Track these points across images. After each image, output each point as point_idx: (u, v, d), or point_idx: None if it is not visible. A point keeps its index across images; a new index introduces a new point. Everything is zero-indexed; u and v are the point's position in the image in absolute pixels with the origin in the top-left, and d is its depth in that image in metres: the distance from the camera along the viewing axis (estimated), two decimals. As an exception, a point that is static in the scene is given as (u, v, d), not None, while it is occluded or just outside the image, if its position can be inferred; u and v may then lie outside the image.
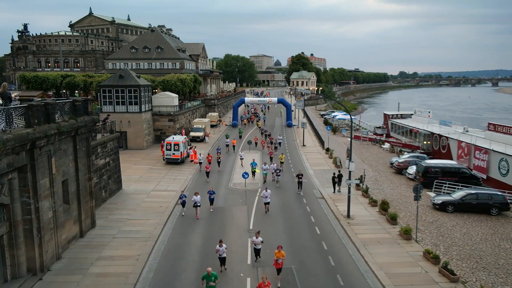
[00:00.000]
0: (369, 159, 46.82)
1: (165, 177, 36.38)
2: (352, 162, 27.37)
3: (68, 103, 21.61)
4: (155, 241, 22.40)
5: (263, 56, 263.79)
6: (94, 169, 26.58)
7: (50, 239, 19.06)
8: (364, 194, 31.35)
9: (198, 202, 26.22)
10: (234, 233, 24.01)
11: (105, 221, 25.39)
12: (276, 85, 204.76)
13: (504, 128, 44.63)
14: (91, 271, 18.82)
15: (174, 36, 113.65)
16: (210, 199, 27.69)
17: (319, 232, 24.35)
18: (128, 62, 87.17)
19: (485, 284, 18.14)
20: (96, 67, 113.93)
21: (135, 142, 48.24)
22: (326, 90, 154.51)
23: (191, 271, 19.23)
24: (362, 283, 18.39)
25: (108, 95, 47.84)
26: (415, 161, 40.27)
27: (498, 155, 37.66)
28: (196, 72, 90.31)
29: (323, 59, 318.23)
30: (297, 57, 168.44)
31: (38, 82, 65.07)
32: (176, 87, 62.61)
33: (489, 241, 23.45)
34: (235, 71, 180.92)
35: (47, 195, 18.68)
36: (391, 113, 72.48)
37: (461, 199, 28.68)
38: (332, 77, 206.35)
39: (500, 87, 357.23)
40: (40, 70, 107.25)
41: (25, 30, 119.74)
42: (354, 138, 45.97)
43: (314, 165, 42.57)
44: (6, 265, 16.85)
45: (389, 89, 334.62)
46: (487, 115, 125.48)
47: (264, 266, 19.61)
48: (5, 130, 15.73)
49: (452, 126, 54.79)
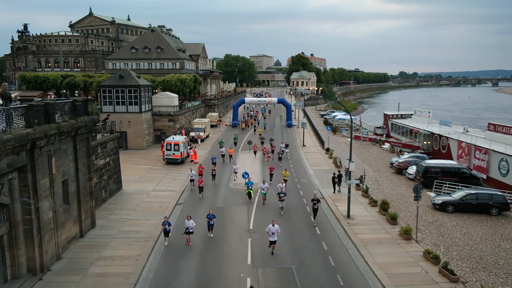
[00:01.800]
0: (369, 159, 46.81)
1: (165, 177, 36.38)
2: (352, 162, 27.37)
3: (68, 103, 21.61)
4: (155, 241, 22.39)
5: (263, 56, 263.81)
6: (94, 169, 26.58)
7: (50, 239, 19.05)
8: (364, 194, 31.35)
9: (191, 228, 21.69)
10: (234, 233, 24.01)
11: (105, 221, 25.38)
12: (276, 85, 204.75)
13: (504, 128, 44.63)
14: (91, 271, 18.82)
15: (174, 36, 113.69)
16: (210, 225, 23.04)
17: (319, 232, 24.35)
18: (128, 62, 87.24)
19: (485, 284, 18.14)
20: (96, 67, 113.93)
21: (135, 142, 48.24)
22: (326, 90, 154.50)
23: (191, 271, 19.23)
24: (362, 283, 18.39)
25: (108, 95, 47.83)
26: (415, 161, 40.26)
27: (498, 155, 37.65)
28: (196, 72, 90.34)
29: (323, 59, 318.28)
30: (297, 57, 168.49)
31: (38, 82, 65.11)
32: (176, 87, 62.65)
33: (489, 241, 23.45)
34: (235, 71, 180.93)
35: (47, 195, 18.67)
36: (391, 113, 72.43)
37: (461, 199, 28.68)
38: (332, 77, 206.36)
39: (500, 87, 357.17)
40: (40, 70, 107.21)
41: (25, 30, 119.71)
42: (354, 138, 46.01)
43: (314, 165, 42.56)
44: (6, 265, 16.85)
45: (389, 89, 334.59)
46: (487, 115, 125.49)
47: (264, 266, 19.62)
48: (5, 130, 15.72)
49: (452, 126, 54.76)
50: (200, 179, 31.08)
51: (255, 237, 23.16)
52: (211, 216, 22.98)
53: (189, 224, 21.69)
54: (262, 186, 29.00)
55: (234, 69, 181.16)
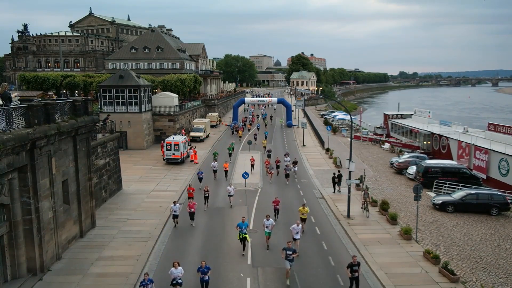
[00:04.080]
0: (369, 159, 46.82)
1: (165, 177, 36.38)
2: (352, 162, 27.37)
3: (68, 103, 21.62)
4: (155, 241, 22.39)
5: (263, 56, 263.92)
6: (94, 169, 26.58)
7: (50, 239, 19.06)
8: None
9: (179, 278, 16.50)
10: (234, 233, 23.97)
11: (105, 221, 25.39)
12: (276, 85, 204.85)
13: (504, 128, 44.66)
14: (91, 271, 18.82)
15: (174, 36, 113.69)
16: (203, 282, 16.83)
17: (319, 232, 24.34)
18: (128, 62, 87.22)
19: (485, 284, 18.14)
20: (96, 67, 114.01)
21: (135, 142, 48.26)
22: (326, 90, 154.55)
23: (191, 271, 19.21)
24: (362, 283, 18.36)
25: (108, 95, 47.84)
26: (415, 161, 40.25)
27: (498, 155, 37.66)
28: (196, 72, 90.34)
29: (323, 59, 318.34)
30: (297, 57, 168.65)
31: (38, 82, 65.07)
32: (176, 87, 62.67)
33: (489, 241, 23.45)
34: (235, 71, 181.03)
35: (47, 195, 18.68)
36: (391, 113, 72.47)
37: (461, 199, 28.67)
38: (332, 77, 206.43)
39: (500, 87, 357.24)
40: (40, 70, 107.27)
41: (25, 30, 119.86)
42: (354, 138, 46.01)
43: (314, 165, 42.57)
44: (6, 265, 16.86)
45: (389, 89, 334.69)
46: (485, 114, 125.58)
47: (264, 266, 19.62)
48: (5, 130, 15.73)
49: (452, 126, 54.78)
50: (191, 203, 25.05)
51: (255, 237, 23.15)
52: (204, 269, 16.68)
53: (177, 273, 16.49)
54: (266, 223, 21.61)
55: (234, 69, 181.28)
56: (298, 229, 20.86)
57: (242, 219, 21.21)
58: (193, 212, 24.81)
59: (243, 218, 21.28)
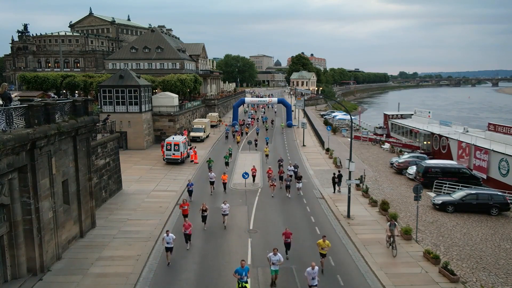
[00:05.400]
0: (369, 159, 46.82)
1: (165, 177, 36.38)
2: (352, 162, 27.37)
3: (68, 103, 21.62)
4: (155, 241, 22.38)
5: (263, 56, 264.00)
6: (94, 169, 26.58)
7: (50, 239, 19.06)
8: (364, 194, 31.35)
9: None
10: (234, 233, 24.00)
11: (105, 221, 25.39)
12: (276, 85, 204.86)
13: (504, 128, 44.65)
14: (91, 271, 18.82)
15: (174, 36, 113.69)
16: None
17: (319, 232, 24.30)
18: (128, 62, 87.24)
19: (485, 284, 18.13)
20: (96, 67, 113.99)
21: (135, 142, 48.25)
22: (326, 90, 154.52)
23: (191, 271, 19.23)
24: (362, 283, 18.39)
25: (108, 95, 47.84)
26: (415, 161, 40.25)
27: (498, 155, 37.65)
28: (196, 72, 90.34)
29: (323, 59, 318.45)
30: (297, 57, 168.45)
31: (38, 82, 65.11)
32: (176, 87, 62.67)
33: (489, 241, 23.45)
34: (235, 71, 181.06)
35: (47, 195, 18.68)
36: (391, 113, 72.45)
37: (461, 199, 28.67)
38: (332, 77, 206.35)
39: (500, 87, 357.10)
40: (40, 70, 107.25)
41: (25, 30, 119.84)
42: (354, 138, 46.01)
43: (314, 165, 42.57)
44: (6, 265, 16.86)
45: (389, 89, 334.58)
46: (486, 114, 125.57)
47: (264, 266, 19.61)
48: (5, 130, 15.73)
49: (452, 126, 54.78)
50: (186, 223, 21.90)
51: (255, 237, 23.16)
52: None
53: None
54: (273, 259, 17.44)
55: (234, 69, 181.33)
56: (315, 273, 16.01)
57: (241, 263, 16.42)
58: (189, 235, 21.59)
59: (242, 263, 16.44)
